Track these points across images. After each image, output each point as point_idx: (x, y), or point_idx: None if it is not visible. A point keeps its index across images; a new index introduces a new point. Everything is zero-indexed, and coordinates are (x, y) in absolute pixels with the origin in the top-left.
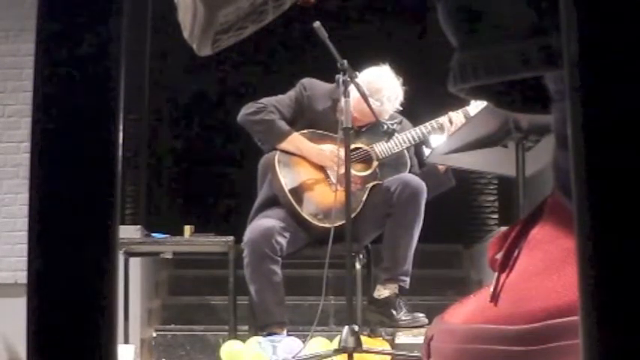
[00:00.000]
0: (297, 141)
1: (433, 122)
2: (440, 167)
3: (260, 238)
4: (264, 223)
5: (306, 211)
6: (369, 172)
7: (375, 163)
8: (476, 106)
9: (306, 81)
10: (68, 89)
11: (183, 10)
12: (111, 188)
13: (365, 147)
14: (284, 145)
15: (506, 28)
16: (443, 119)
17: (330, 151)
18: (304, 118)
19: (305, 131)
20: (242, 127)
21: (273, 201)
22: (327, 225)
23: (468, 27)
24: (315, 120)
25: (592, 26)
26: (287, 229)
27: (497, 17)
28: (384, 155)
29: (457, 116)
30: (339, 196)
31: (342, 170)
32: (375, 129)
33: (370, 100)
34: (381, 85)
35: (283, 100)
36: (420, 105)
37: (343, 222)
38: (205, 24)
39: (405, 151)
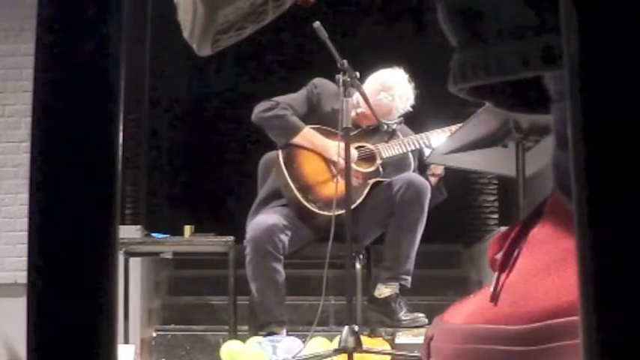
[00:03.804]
0: (310, 136)
1: (439, 130)
2: (432, 179)
3: (262, 236)
4: (266, 220)
5: (306, 200)
6: (372, 168)
7: (379, 161)
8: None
9: (318, 80)
10: (68, 89)
11: (183, 10)
12: (111, 188)
13: (370, 146)
14: (298, 140)
15: (506, 28)
16: (449, 129)
17: (343, 148)
18: (314, 116)
19: (314, 126)
20: (257, 125)
21: (274, 197)
22: (328, 213)
23: (467, 27)
24: (324, 118)
25: (592, 26)
26: (289, 226)
27: (497, 17)
28: (387, 155)
29: None
30: (341, 186)
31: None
32: (380, 128)
33: (382, 94)
34: (394, 83)
35: (295, 98)
36: (420, 107)
37: (343, 211)
38: (205, 24)
39: (410, 154)
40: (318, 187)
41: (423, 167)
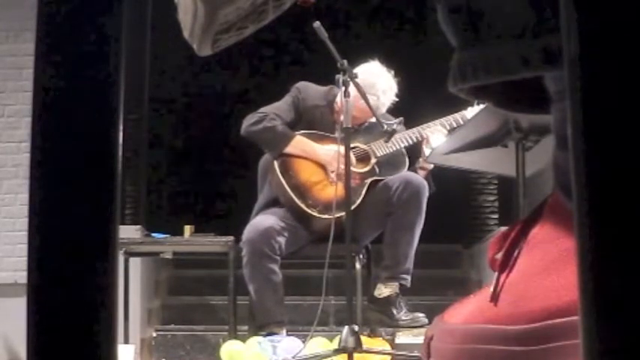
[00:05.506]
0: (302, 144)
1: (430, 124)
2: (421, 172)
3: (258, 238)
4: (263, 222)
5: (306, 205)
6: (367, 168)
7: (373, 160)
8: (473, 110)
9: (301, 85)
10: (68, 89)
11: (184, 10)
12: (111, 188)
13: (362, 146)
14: (290, 150)
15: (506, 28)
16: (441, 121)
17: (335, 152)
18: (302, 120)
19: (304, 132)
20: (247, 138)
21: (274, 202)
22: (327, 216)
23: (467, 27)
24: (312, 122)
25: (592, 26)
26: (286, 228)
27: (497, 17)
28: (381, 153)
29: (455, 118)
30: (340, 189)
31: (343, 166)
32: (372, 127)
33: (367, 96)
34: (374, 80)
35: (281, 106)
36: (421, 105)
37: (343, 213)
38: (206, 24)
39: (404, 150)
40: (317, 192)
41: (412, 161)
